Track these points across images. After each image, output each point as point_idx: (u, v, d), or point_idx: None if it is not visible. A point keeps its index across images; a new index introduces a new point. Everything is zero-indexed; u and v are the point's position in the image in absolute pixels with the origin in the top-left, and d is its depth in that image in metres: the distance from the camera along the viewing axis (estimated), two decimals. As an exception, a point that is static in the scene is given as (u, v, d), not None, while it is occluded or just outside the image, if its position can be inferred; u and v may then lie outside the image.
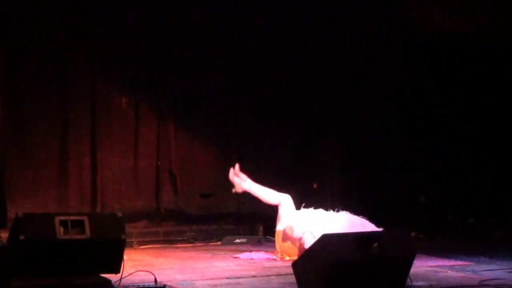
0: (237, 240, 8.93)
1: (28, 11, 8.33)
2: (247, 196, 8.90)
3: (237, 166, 8.06)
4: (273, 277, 6.52)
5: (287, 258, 7.44)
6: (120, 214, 5.81)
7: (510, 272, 6.66)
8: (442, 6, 9.72)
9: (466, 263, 7.25)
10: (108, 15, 8.62)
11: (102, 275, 5.63)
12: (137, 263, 7.13)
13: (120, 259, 5.67)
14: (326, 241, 5.45)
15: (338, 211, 7.66)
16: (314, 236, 6.97)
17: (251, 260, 7.49)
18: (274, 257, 7.56)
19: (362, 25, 9.50)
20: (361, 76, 9.57)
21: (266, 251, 7.88)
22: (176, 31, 8.87)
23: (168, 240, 8.83)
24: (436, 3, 9.77)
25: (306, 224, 7.40)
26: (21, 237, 5.33)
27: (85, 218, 5.59)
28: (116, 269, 5.66)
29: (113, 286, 5.58)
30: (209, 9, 8.98)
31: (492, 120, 9.98)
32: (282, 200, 7.78)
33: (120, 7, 8.65)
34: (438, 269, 6.89)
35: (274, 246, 7.93)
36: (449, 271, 6.80)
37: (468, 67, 9.87)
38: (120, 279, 5.70)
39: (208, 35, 8.99)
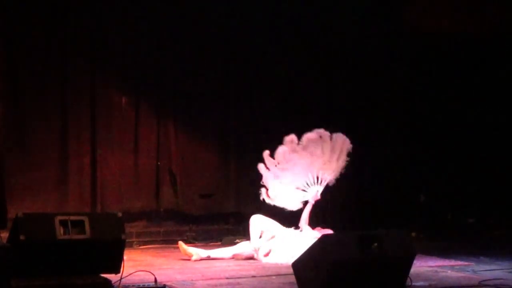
0: (237, 240, 8.91)
1: (28, 11, 8.33)
2: (246, 196, 8.95)
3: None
4: (273, 277, 6.52)
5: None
6: (120, 214, 5.82)
7: (510, 272, 6.66)
8: (442, 7, 9.72)
9: (466, 263, 7.26)
10: (108, 15, 8.62)
11: (102, 275, 5.63)
12: (137, 263, 7.13)
13: (120, 259, 5.67)
14: (326, 241, 5.45)
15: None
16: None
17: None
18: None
19: (362, 25, 9.49)
20: (361, 76, 9.57)
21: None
22: (176, 31, 8.87)
23: (168, 240, 8.83)
24: (436, 3, 9.77)
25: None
26: (21, 237, 5.33)
27: (85, 218, 5.60)
28: (116, 269, 5.67)
29: (113, 286, 5.59)
30: (209, 9, 8.98)
31: (492, 120, 9.98)
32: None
33: (120, 7, 8.65)
34: (438, 269, 6.90)
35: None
36: (449, 271, 6.81)
37: (468, 68, 9.87)
38: (120, 279, 5.70)
39: (208, 35, 8.98)
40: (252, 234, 7.67)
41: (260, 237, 7.65)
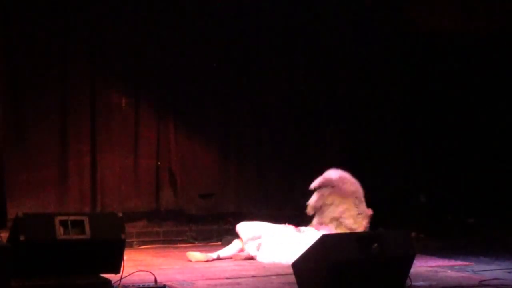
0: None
1: (28, 11, 8.33)
2: (246, 196, 8.96)
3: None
4: (273, 277, 6.52)
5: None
6: (120, 214, 5.82)
7: (510, 272, 6.66)
8: (442, 6, 9.72)
9: (466, 263, 7.26)
10: (108, 15, 8.61)
11: (102, 275, 5.63)
12: (137, 263, 7.13)
13: (120, 259, 5.67)
14: (326, 241, 5.45)
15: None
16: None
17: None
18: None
19: (362, 24, 9.49)
20: (361, 75, 9.58)
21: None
22: (176, 31, 8.87)
23: (168, 240, 8.83)
24: (436, 3, 9.77)
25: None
26: (21, 238, 5.34)
27: (85, 218, 5.60)
28: (116, 269, 5.67)
29: (113, 286, 5.59)
30: (209, 9, 8.98)
31: (492, 120, 9.98)
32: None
33: (120, 7, 8.65)
34: (438, 269, 6.90)
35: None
36: (449, 271, 6.81)
37: (468, 67, 9.87)
38: (120, 279, 5.70)
39: (208, 35, 8.98)
40: (245, 240, 7.68)
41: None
